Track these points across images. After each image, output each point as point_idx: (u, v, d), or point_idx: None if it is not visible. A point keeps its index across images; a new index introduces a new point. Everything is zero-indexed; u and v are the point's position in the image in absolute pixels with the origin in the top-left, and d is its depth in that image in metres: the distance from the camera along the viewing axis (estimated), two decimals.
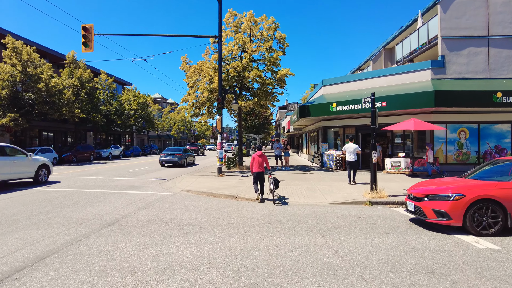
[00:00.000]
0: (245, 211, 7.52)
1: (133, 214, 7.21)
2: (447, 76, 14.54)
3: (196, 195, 9.89)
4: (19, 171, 11.91)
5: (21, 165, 12.00)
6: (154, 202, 8.69)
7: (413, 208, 6.03)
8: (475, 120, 14.68)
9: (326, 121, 18.84)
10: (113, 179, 14.10)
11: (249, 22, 16.31)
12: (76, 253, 4.60)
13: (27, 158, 12.35)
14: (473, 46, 14.51)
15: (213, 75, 15.23)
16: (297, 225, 6.18)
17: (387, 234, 5.50)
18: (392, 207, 8.28)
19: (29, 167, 12.39)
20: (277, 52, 16.49)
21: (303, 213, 7.23)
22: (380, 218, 6.76)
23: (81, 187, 11.43)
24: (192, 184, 11.85)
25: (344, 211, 7.56)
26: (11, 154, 11.95)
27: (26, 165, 12.26)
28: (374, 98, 9.32)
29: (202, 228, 5.93)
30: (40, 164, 12.89)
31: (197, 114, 16.66)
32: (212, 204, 8.37)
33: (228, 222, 6.42)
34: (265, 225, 6.17)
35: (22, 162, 12.12)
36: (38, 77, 22.93)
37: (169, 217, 6.89)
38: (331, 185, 11.31)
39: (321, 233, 5.57)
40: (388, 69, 16.90)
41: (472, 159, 14.68)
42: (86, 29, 13.99)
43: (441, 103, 13.14)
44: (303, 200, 8.86)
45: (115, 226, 6.14)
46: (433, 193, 5.69)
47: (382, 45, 24.38)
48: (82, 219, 6.70)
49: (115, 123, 38.37)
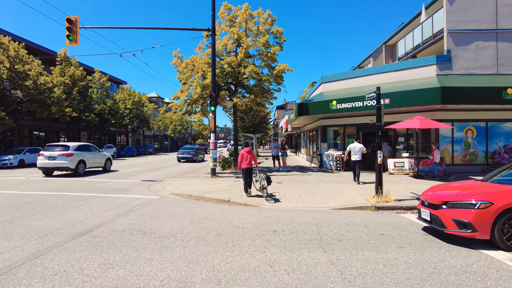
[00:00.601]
0: (237, 218, 6.70)
1: (110, 222, 6.38)
2: (453, 71, 13.77)
3: (184, 199, 9.06)
4: (96, 162, 17.02)
5: (97, 158, 17.18)
6: (137, 207, 7.85)
7: (428, 216, 5.23)
8: (483, 118, 13.92)
9: (326, 120, 18.04)
10: (99, 181, 13.25)
11: (244, 16, 15.47)
12: (24, 275, 3.76)
13: (100, 153, 17.66)
14: (481, 40, 13.74)
15: (206, 70, 14.38)
16: (295, 236, 5.36)
17: (400, 248, 4.70)
18: (400, 212, 7.49)
19: (101, 159, 17.50)
20: (274, 47, 15.65)
21: (302, 221, 6.42)
22: (389, 227, 5.96)
23: (61, 190, 10.57)
24: (182, 187, 11.01)
25: (348, 218, 6.75)
26: (93, 150, 17.05)
27: (100, 158, 17.45)
28: (379, 93, 8.51)
29: (184, 241, 5.10)
30: (107, 158, 18.01)
31: (189, 112, 15.81)
32: (201, 210, 7.55)
33: (216, 233, 5.60)
34: (258, 236, 5.35)
35: (98, 155, 17.31)
36: (26, 74, 22.01)
37: (150, 226, 6.06)
38: (331, 187, 10.51)
39: (323, 247, 4.76)
40: (390, 65, 16.12)
41: (480, 159, 13.92)
42: (70, 21, 13.13)
43: (448, 100, 12.36)
44: (302, 204, 8.05)
45: (85, 237, 5.31)
46: (453, 200, 4.89)
47: (382, 42, 23.61)
48: (50, 228, 5.86)
49: (109, 123, 37.47)
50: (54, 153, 14.85)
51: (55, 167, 14.93)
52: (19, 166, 21.04)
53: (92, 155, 16.67)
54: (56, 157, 14.74)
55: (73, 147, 15.45)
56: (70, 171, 15.16)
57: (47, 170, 15.27)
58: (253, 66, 14.99)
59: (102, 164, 17.47)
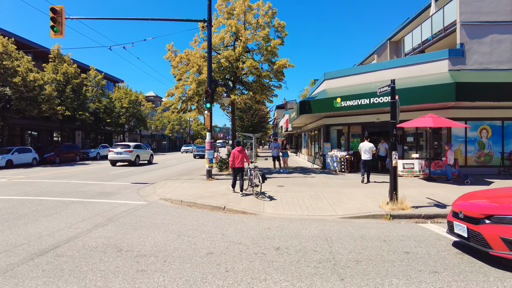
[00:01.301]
0: (232, 230, 5.74)
1: (84, 235, 5.42)
2: (467, 66, 12.84)
3: (175, 206, 8.09)
4: (144, 156, 22.92)
5: (145, 154, 23.10)
6: (120, 215, 6.89)
7: (465, 232, 4.28)
8: (499, 117, 12.98)
9: (329, 119, 17.10)
10: (86, 183, 12.28)
11: (243, 7, 14.51)
12: None
13: (146, 150, 23.40)
14: (497, 33, 12.81)
15: (202, 65, 13.41)
16: (303, 256, 4.41)
17: (436, 275, 3.75)
18: (419, 222, 6.54)
19: (147, 155, 23.56)
20: (275, 40, 14.69)
21: (309, 234, 5.48)
22: (413, 242, 5.02)
23: (40, 194, 9.59)
24: (174, 191, 10.05)
25: (362, 229, 5.80)
26: (143, 148, 23.17)
27: (147, 154, 23.39)
28: (394, 87, 7.57)
29: (166, 263, 4.14)
30: (150, 153, 24.02)
31: (184, 110, 14.84)
32: (192, 220, 6.59)
33: (206, 250, 4.64)
34: (257, 256, 4.39)
35: (146, 152, 23.35)
36: (14, 70, 21.00)
37: (129, 241, 5.10)
38: (338, 192, 9.56)
39: (339, 273, 3.81)
40: (398, 60, 15.17)
41: (496, 161, 12.98)
42: (55, 11, 12.21)
43: (462, 97, 11.42)
44: (307, 212, 7.10)
45: (46, 257, 4.35)
46: (501, 213, 3.94)
47: (387, 38, 22.69)
48: (8, 244, 4.90)
49: (105, 122, 36.44)
50: (121, 150, 20.70)
51: (121, 159, 20.74)
52: (6, 166, 20.02)
53: (143, 152, 22.81)
54: (122, 152, 20.59)
55: (132, 146, 21.34)
56: (130, 162, 21.04)
57: (114, 161, 20.94)
58: (252, 61, 14.03)
59: (148, 158, 23.63)
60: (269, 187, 10.48)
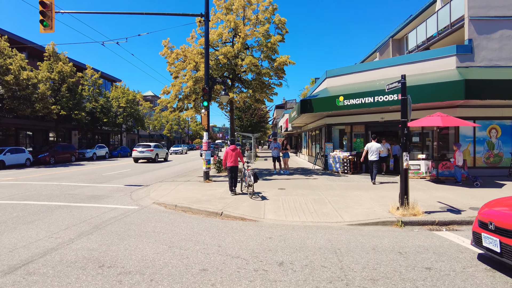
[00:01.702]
0: (230, 240, 5.17)
1: (64, 246, 4.85)
2: (475, 63, 12.31)
3: (169, 211, 7.52)
4: (162, 155, 26.88)
5: (162, 152, 27.08)
6: (108, 222, 6.32)
7: (497, 247, 3.72)
8: (509, 116, 12.44)
9: (331, 118, 16.56)
10: (77, 185, 11.69)
11: (242, 2, 13.93)
12: None
13: (163, 149, 27.34)
14: (507, 29, 12.28)
15: (199, 61, 12.84)
16: (310, 273, 3.85)
17: None
18: (433, 229, 6.00)
19: (164, 153, 27.54)
20: (275, 36, 14.12)
21: (315, 245, 4.92)
22: (432, 255, 4.46)
23: (26, 198, 9.01)
24: (169, 194, 9.47)
25: (373, 239, 5.25)
26: (160, 148, 27.00)
27: (164, 152, 27.40)
28: (405, 82, 7.04)
29: (153, 282, 3.58)
30: (166, 152, 28.16)
31: (181, 109, 14.26)
32: (186, 227, 6.02)
33: (200, 266, 4.07)
34: (258, 274, 3.83)
35: (162, 150, 26.99)
36: (6, 68, 20.38)
37: (113, 253, 4.53)
38: (343, 195, 9.00)
39: None
40: (403, 57, 14.62)
41: (506, 162, 12.45)
42: (45, 4, 11.61)
43: (472, 95, 10.88)
44: (311, 219, 6.54)
45: (15, 275, 3.78)
46: None
47: (389, 36, 22.17)
48: None
49: (102, 122, 35.80)
50: (143, 149, 24.38)
51: (143, 157, 24.41)
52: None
53: (161, 150, 26.71)
54: (144, 151, 24.28)
55: (153, 146, 25.17)
56: (151, 160, 24.73)
57: (137, 158, 24.66)
58: (252, 58, 13.46)
59: (164, 156, 27.60)
60: (270, 189, 9.93)
